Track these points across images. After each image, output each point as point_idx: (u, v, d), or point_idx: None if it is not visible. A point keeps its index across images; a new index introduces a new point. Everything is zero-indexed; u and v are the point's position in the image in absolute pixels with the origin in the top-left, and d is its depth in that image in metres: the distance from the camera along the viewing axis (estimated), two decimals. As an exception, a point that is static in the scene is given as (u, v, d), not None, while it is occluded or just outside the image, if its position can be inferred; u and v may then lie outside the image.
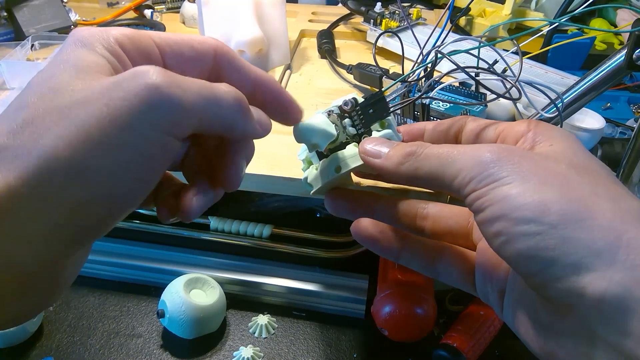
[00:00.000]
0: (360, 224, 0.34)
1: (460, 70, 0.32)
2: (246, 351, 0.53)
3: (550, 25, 0.46)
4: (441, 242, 0.33)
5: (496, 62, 0.40)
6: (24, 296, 0.22)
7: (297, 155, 0.34)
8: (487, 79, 0.39)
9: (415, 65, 0.35)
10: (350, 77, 0.60)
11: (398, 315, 0.50)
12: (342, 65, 0.61)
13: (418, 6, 0.68)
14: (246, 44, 0.57)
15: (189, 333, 0.53)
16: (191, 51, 0.26)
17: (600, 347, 0.22)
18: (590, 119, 0.50)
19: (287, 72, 0.62)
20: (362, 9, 0.66)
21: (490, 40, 0.66)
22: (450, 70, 0.33)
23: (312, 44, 0.70)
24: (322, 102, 0.56)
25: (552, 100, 0.34)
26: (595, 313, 0.21)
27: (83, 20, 0.75)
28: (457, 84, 0.51)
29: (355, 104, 0.31)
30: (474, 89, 0.47)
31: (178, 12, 0.79)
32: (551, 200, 0.22)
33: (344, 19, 0.73)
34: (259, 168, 0.46)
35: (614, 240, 0.21)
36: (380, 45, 0.65)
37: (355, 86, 0.60)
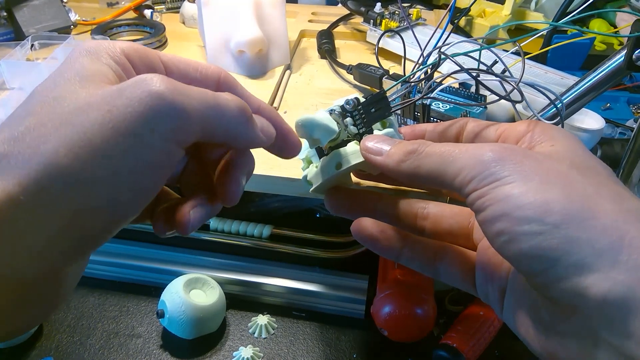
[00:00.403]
0: (361, 224, 0.33)
1: (461, 71, 0.32)
2: (246, 351, 0.53)
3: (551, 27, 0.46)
4: (441, 242, 0.33)
5: (496, 62, 0.40)
6: (23, 307, 0.22)
7: (297, 155, 0.34)
8: (488, 79, 0.39)
9: (417, 66, 0.35)
10: (350, 78, 0.60)
11: (398, 315, 0.50)
12: (342, 66, 0.61)
13: (418, 6, 0.68)
14: (246, 44, 0.57)
15: (189, 333, 0.53)
16: (196, 73, 0.27)
17: (602, 348, 0.22)
18: (590, 120, 0.50)
19: (287, 72, 0.62)
20: (362, 9, 0.66)
21: (490, 42, 0.67)
22: (452, 72, 0.33)
23: (312, 44, 0.70)
24: (322, 102, 0.56)
25: (552, 101, 0.34)
26: (598, 314, 0.21)
27: (83, 20, 0.75)
28: (457, 85, 0.51)
29: (357, 104, 0.31)
30: (474, 90, 0.47)
31: (178, 12, 0.79)
32: (554, 199, 0.22)
33: (344, 19, 0.73)
34: (259, 168, 0.46)
35: (617, 240, 0.21)
36: (380, 46, 0.64)
37: (355, 86, 0.60)
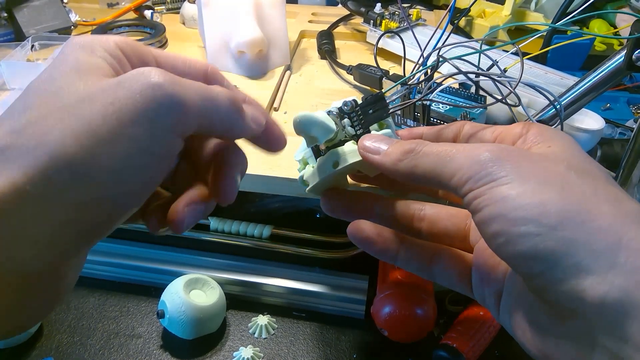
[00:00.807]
0: (357, 226, 0.33)
1: (460, 74, 0.32)
2: (246, 351, 0.53)
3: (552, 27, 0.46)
4: (438, 244, 0.33)
5: (496, 62, 0.40)
6: (25, 302, 0.22)
7: (294, 156, 0.34)
8: (487, 79, 0.39)
9: (417, 67, 0.35)
10: (350, 78, 0.60)
11: (398, 315, 0.50)
12: (342, 66, 0.61)
13: (418, 7, 0.68)
14: (246, 45, 0.58)
15: (189, 333, 0.53)
16: (184, 66, 0.27)
17: (598, 351, 0.21)
18: (589, 120, 0.50)
19: (287, 72, 0.62)
20: (362, 9, 0.66)
21: (490, 43, 0.67)
22: (452, 74, 0.33)
23: (312, 44, 0.70)
24: (322, 103, 0.57)
25: (551, 102, 0.34)
26: (595, 317, 0.21)
27: (83, 21, 0.75)
28: (456, 86, 0.51)
29: (355, 105, 0.31)
30: (473, 90, 0.47)
31: (178, 13, 0.79)
32: (551, 201, 0.22)
33: (344, 19, 0.73)
34: (259, 169, 0.46)
35: (614, 243, 0.21)
36: (380, 46, 0.65)
37: (355, 87, 0.60)
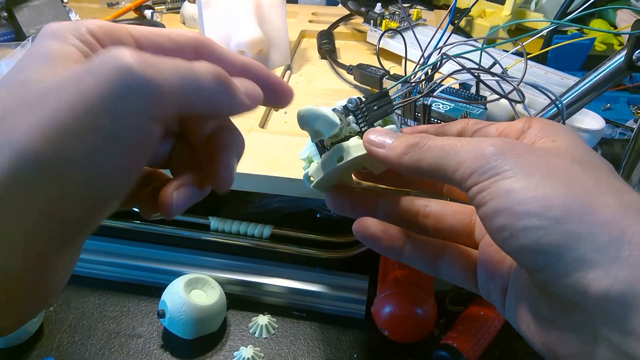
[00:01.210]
0: (363, 223, 0.33)
1: (463, 71, 0.32)
2: (246, 351, 0.53)
3: (551, 26, 0.46)
4: (443, 240, 0.33)
5: (497, 62, 0.40)
6: (10, 302, 0.21)
7: (299, 155, 0.34)
8: (490, 79, 0.39)
9: (418, 66, 0.35)
10: (350, 78, 0.60)
11: (398, 315, 0.51)
12: (342, 66, 0.61)
13: (418, 7, 0.68)
14: (246, 45, 0.58)
15: (189, 333, 0.53)
16: (170, 42, 0.25)
17: (602, 344, 0.22)
18: (590, 120, 0.50)
19: (287, 72, 0.62)
20: (362, 9, 0.66)
21: (490, 42, 0.67)
22: (452, 72, 0.33)
23: (312, 44, 0.70)
24: (322, 103, 0.56)
25: (552, 101, 0.34)
26: (599, 311, 0.21)
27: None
28: (457, 86, 0.51)
29: (360, 102, 0.31)
30: (474, 90, 0.47)
31: (178, 13, 0.79)
32: (555, 194, 0.22)
33: (344, 19, 0.73)
34: (260, 169, 0.46)
35: (618, 236, 0.21)
36: (380, 46, 0.65)
37: (355, 87, 0.60)
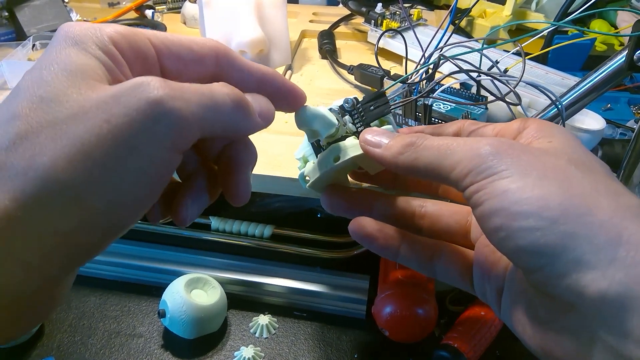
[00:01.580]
0: (359, 223, 0.33)
1: (462, 72, 0.32)
2: (247, 351, 0.53)
3: (552, 27, 0.46)
4: (439, 240, 0.33)
5: (497, 62, 0.40)
6: (18, 319, 0.21)
7: (294, 154, 0.34)
8: (488, 78, 0.39)
9: (418, 66, 0.35)
10: (351, 78, 0.60)
11: (399, 315, 0.51)
12: (343, 66, 0.61)
13: (419, 7, 0.68)
14: (247, 45, 0.58)
15: (190, 333, 0.53)
16: (191, 54, 0.25)
17: (598, 346, 0.22)
18: (590, 120, 0.50)
19: (288, 72, 0.62)
20: (363, 9, 0.66)
21: (491, 42, 0.67)
22: (452, 72, 0.33)
23: (313, 44, 0.70)
24: (322, 103, 0.56)
25: (553, 101, 0.34)
26: (595, 312, 0.21)
27: (84, 21, 0.75)
28: (457, 86, 0.51)
29: (356, 103, 0.31)
30: (474, 91, 0.47)
31: (179, 13, 0.79)
32: (551, 195, 0.22)
33: (345, 19, 0.73)
34: (261, 169, 0.46)
35: (615, 237, 0.21)
36: (381, 46, 0.65)
37: (356, 87, 0.60)
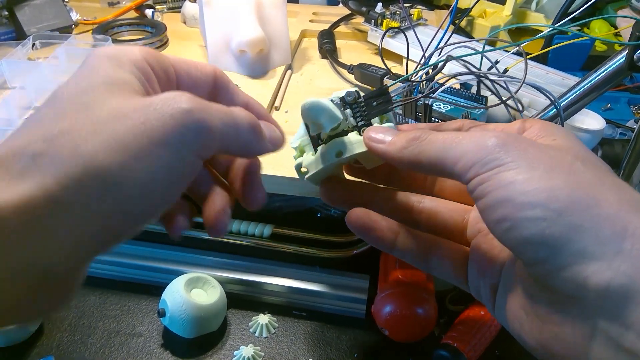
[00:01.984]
0: (356, 213, 0.33)
1: (466, 74, 0.32)
2: (247, 350, 0.53)
3: (552, 31, 0.46)
4: (435, 236, 0.33)
5: (497, 62, 0.40)
6: (38, 298, 0.22)
7: (290, 142, 0.34)
8: (490, 80, 0.39)
9: (419, 65, 0.35)
10: (351, 77, 0.60)
11: (399, 315, 0.51)
12: (343, 66, 0.61)
13: (419, 7, 0.68)
14: (247, 44, 0.57)
15: (190, 332, 0.53)
16: (197, 72, 0.29)
17: (598, 339, 0.22)
18: (590, 120, 0.50)
19: (288, 72, 0.62)
20: (363, 9, 0.66)
21: (491, 43, 0.67)
22: (458, 73, 0.33)
23: (313, 44, 0.70)
24: (323, 102, 0.57)
25: (552, 102, 0.34)
26: (598, 303, 0.21)
27: (84, 20, 0.75)
28: (458, 86, 0.51)
29: (358, 96, 0.31)
30: (474, 91, 0.47)
31: (179, 12, 0.79)
32: (558, 187, 0.22)
33: (345, 19, 0.73)
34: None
35: (621, 230, 0.21)
36: (381, 46, 0.65)
37: (356, 86, 0.60)
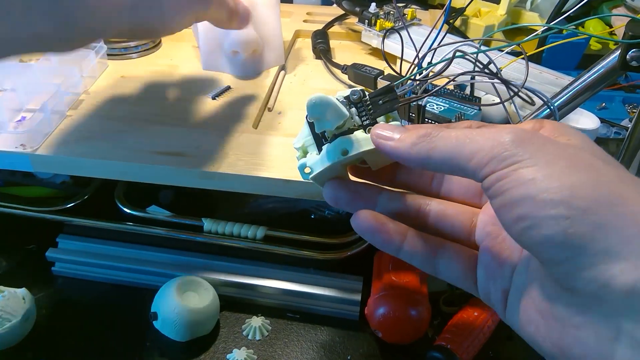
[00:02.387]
0: (362, 215, 0.32)
1: (472, 73, 0.31)
2: (240, 353, 0.52)
3: (548, 32, 0.46)
4: (443, 239, 0.32)
5: (492, 60, 0.39)
6: None
7: (293, 143, 0.33)
8: (485, 82, 0.39)
9: (417, 65, 0.35)
10: (344, 78, 0.60)
11: (392, 316, 0.50)
12: (337, 66, 0.61)
13: (413, 6, 0.68)
14: (240, 45, 0.57)
15: (182, 335, 0.53)
16: None
17: (623, 341, 0.21)
18: (585, 119, 0.50)
19: (282, 72, 0.62)
20: (357, 9, 0.66)
21: (486, 43, 0.66)
22: (463, 72, 0.32)
23: (307, 44, 0.69)
24: (316, 103, 0.56)
25: (545, 102, 0.34)
26: (624, 304, 0.20)
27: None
28: (451, 87, 0.50)
29: (363, 95, 0.31)
30: (468, 92, 0.47)
31: (172, 12, 0.78)
32: (581, 184, 0.22)
33: (339, 19, 0.73)
34: (253, 170, 0.46)
35: None
36: (375, 46, 0.64)
37: (349, 87, 0.59)
